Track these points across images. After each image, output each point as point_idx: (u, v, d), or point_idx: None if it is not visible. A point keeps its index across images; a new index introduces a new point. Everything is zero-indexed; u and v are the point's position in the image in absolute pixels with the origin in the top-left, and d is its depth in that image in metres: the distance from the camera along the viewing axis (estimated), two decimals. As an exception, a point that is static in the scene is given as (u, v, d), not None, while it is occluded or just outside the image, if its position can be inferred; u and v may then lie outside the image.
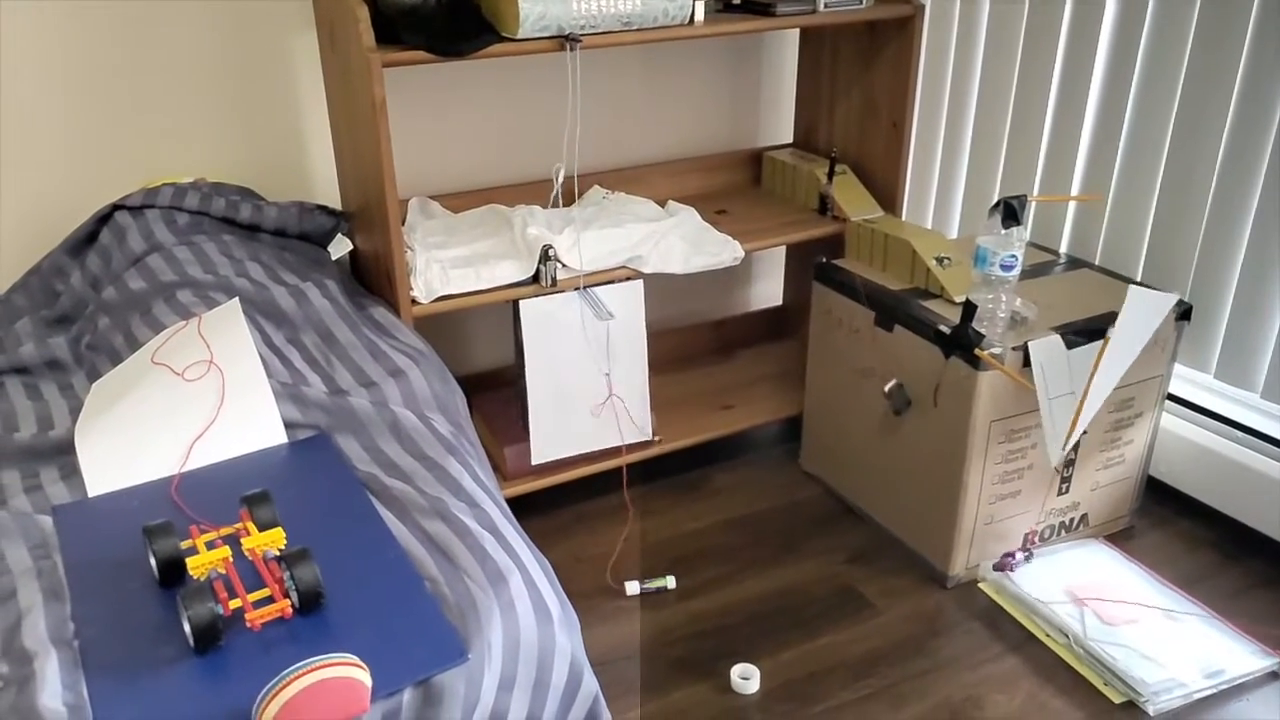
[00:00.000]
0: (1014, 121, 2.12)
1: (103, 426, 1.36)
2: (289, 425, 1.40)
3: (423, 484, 1.29)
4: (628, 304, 1.88)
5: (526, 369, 1.86)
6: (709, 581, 1.86)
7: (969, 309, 1.64)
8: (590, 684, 1.12)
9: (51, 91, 1.78)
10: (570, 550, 1.94)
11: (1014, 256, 1.60)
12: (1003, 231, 1.59)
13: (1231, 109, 1.75)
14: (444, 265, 1.77)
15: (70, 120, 1.81)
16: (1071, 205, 2.06)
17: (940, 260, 1.84)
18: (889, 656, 1.67)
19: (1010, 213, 1.57)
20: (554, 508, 2.06)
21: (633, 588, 1.79)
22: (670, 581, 1.81)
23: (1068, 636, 1.65)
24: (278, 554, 1.10)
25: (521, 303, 1.81)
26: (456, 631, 1.05)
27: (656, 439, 2.06)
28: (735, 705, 1.58)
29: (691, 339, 2.48)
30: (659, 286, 2.41)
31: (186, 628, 1.02)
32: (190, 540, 1.14)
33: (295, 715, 0.91)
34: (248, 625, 1.04)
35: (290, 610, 1.06)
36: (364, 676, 0.94)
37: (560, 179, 1.92)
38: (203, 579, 1.07)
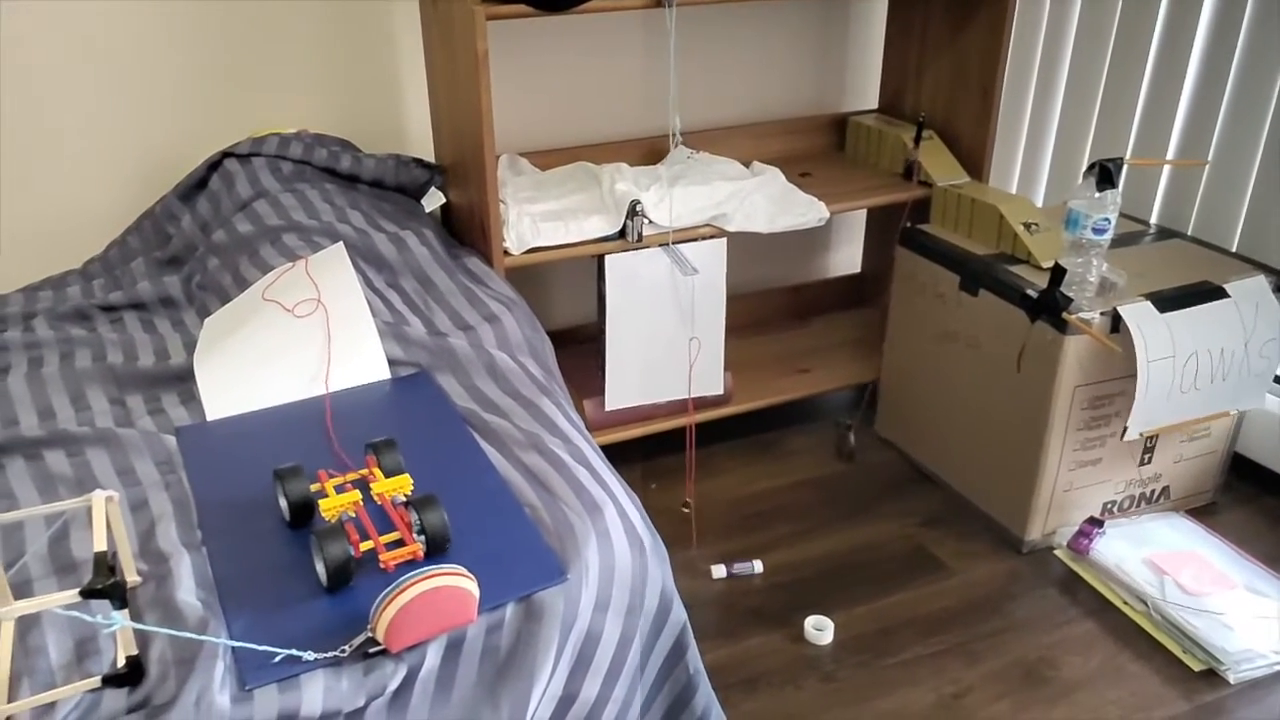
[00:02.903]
0: (1108, 87, 2.09)
1: (219, 356, 1.43)
2: (392, 362, 1.46)
3: (519, 420, 1.34)
4: (710, 262, 1.90)
5: (607, 321, 1.90)
6: (782, 538, 1.89)
7: (1058, 272, 1.63)
8: (679, 613, 1.16)
9: (165, 47, 1.86)
10: (645, 503, 1.98)
11: (1107, 220, 1.58)
12: (1096, 194, 1.57)
13: (1340, 76, 1.71)
14: (535, 219, 1.82)
15: (181, 73, 1.89)
16: (1165, 176, 2.03)
17: (1028, 226, 1.83)
18: (962, 616, 1.69)
19: (1105, 175, 1.56)
20: (629, 462, 2.11)
21: (719, 571, 1.78)
22: (757, 566, 1.79)
23: (1146, 604, 1.65)
24: (405, 499, 1.13)
25: (607, 257, 1.85)
26: (556, 554, 1.09)
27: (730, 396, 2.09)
28: (809, 654, 1.61)
29: (769, 303, 2.50)
30: (738, 250, 2.43)
31: (320, 568, 1.05)
32: (319, 484, 1.17)
33: (410, 619, 0.96)
34: (381, 566, 1.06)
35: (421, 554, 1.07)
36: (473, 588, 0.99)
37: (676, 127, 1.94)
38: (334, 521, 1.08)
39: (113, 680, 0.92)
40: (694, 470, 2.08)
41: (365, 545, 1.08)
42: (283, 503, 1.14)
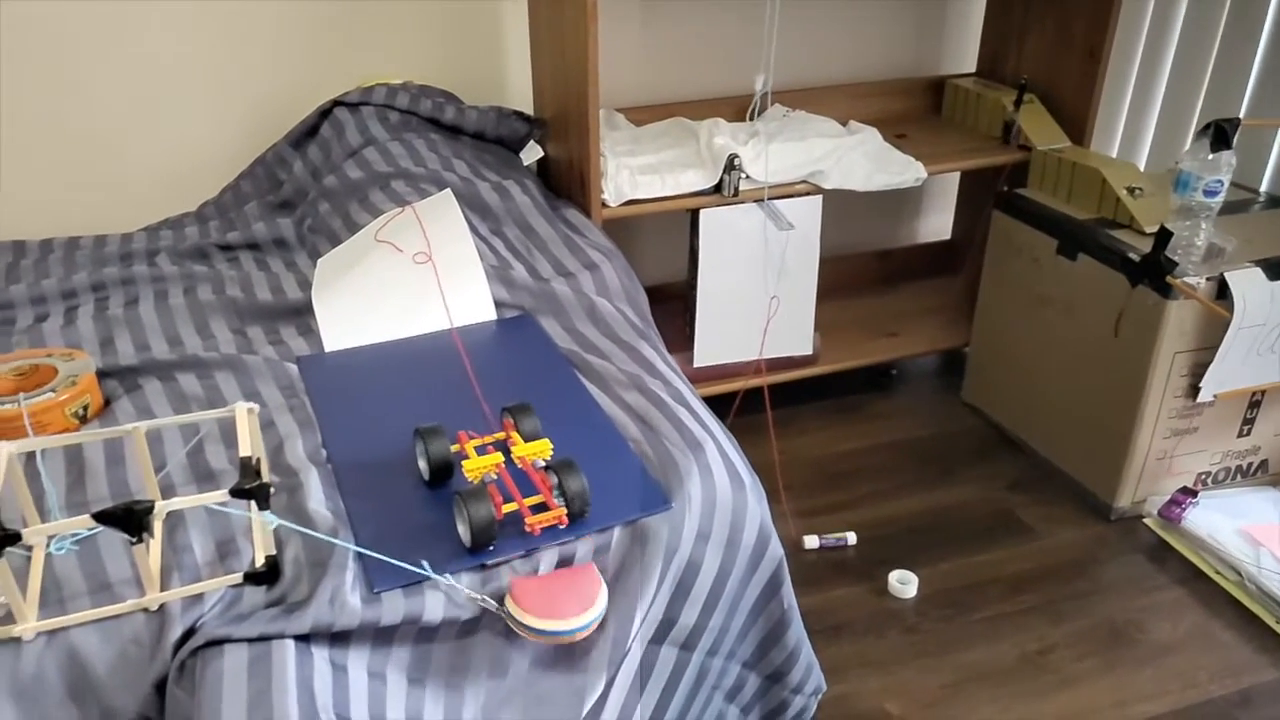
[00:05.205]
0: (1222, 47, 2.03)
1: (336, 292, 1.50)
2: (498, 304, 1.51)
3: (619, 362, 1.38)
4: (805, 218, 1.91)
5: (699, 276, 1.92)
6: (866, 496, 1.91)
7: (1163, 235, 1.61)
8: (776, 549, 1.19)
9: (276, 1, 1.94)
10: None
11: (1220, 182, 1.55)
12: (1210, 156, 1.54)
13: None
14: (633, 171, 1.85)
15: (290, 26, 1.96)
16: (1278, 143, 1.97)
17: (1131, 190, 1.80)
18: (1048, 577, 1.69)
19: (1220, 136, 1.53)
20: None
21: (811, 541, 1.78)
22: (851, 537, 1.78)
23: (1240, 574, 1.63)
24: (545, 463, 1.11)
25: (702, 211, 1.87)
26: (660, 485, 1.13)
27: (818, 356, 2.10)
28: (892, 607, 1.63)
29: (857, 267, 2.50)
30: (829, 213, 2.43)
31: (464, 530, 1.04)
32: (458, 444, 1.16)
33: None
34: (527, 529, 1.05)
35: (565, 519, 1.06)
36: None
37: (764, 86, 1.93)
38: (477, 482, 1.08)
39: (253, 577, 0.99)
40: (774, 428, 2.10)
41: (508, 507, 1.07)
42: (422, 463, 1.14)
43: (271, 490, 1.07)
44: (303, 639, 0.94)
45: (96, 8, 1.83)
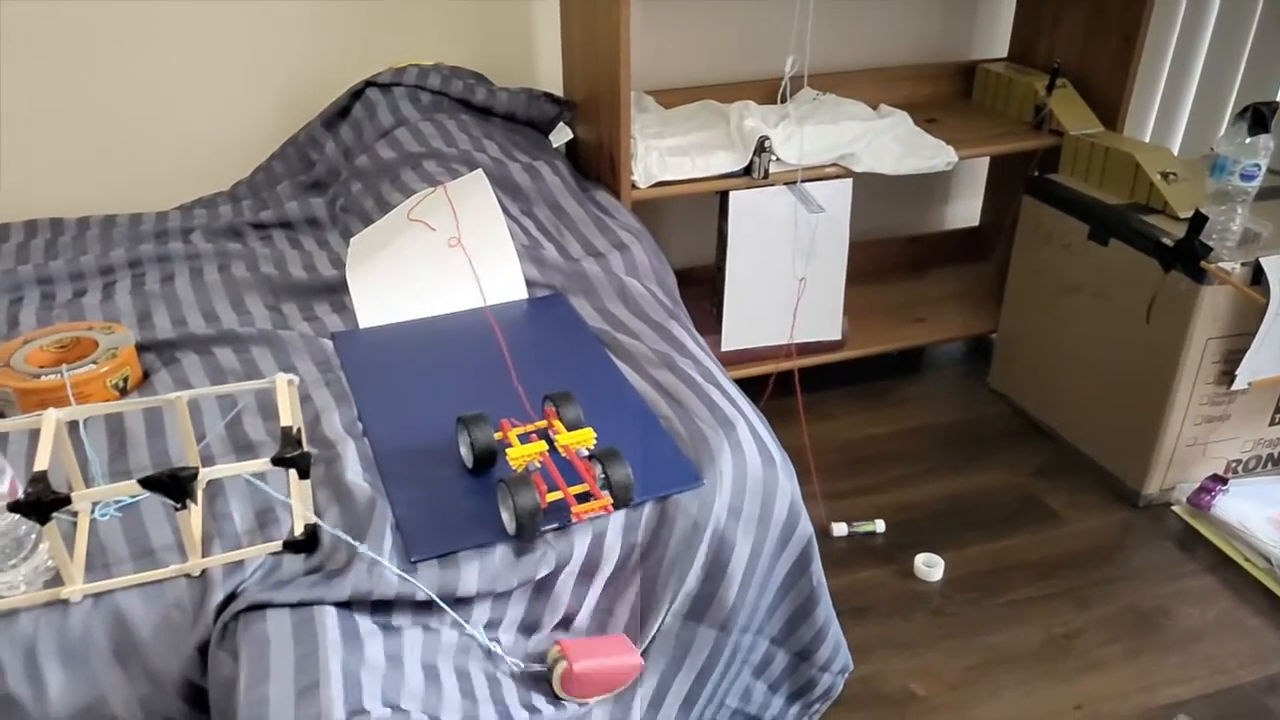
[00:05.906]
0: (1257, 34, 2.01)
1: (370, 269, 1.52)
2: (529, 283, 1.52)
3: (650, 341, 1.39)
4: (835, 202, 1.91)
5: (728, 259, 1.92)
6: (891, 480, 1.91)
7: (1198, 219, 1.59)
8: (806, 527, 1.19)
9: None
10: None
11: (1257, 166, 1.54)
12: (1247, 140, 1.53)
13: None
14: (662, 153, 1.85)
15: (322, 8, 1.97)
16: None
17: (1165, 175, 1.79)
18: (1074, 562, 1.68)
19: (1259, 119, 1.51)
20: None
21: (840, 529, 1.77)
22: (879, 525, 1.76)
23: (1270, 561, 1.62)
24: (588, 452, 1.11)
25: (731, 193, 1.87)
26: (691, 461, 1.14)
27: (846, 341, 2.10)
28: (919, 589, 1.63)
29: (885, 253, 2.49)
30: (856, 197, 2.42)
31: (508, 517, 1.04)
32: (501, 432, 1.16)
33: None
34: (573, 518, 1.05)
35: (610, 507, 1.06)
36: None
37: (793, 68, 1.92)
38: (521, 470, 1.08)
39: (292, 545, 1.01)
40: (805, 413, 2.10)
41: (552, 496, 1.06)
42: (466, 450, 1.14)
43: (311, 460, 1.09)
44: (344, 605, 0.96)
45: (133, -12, 1.85)
